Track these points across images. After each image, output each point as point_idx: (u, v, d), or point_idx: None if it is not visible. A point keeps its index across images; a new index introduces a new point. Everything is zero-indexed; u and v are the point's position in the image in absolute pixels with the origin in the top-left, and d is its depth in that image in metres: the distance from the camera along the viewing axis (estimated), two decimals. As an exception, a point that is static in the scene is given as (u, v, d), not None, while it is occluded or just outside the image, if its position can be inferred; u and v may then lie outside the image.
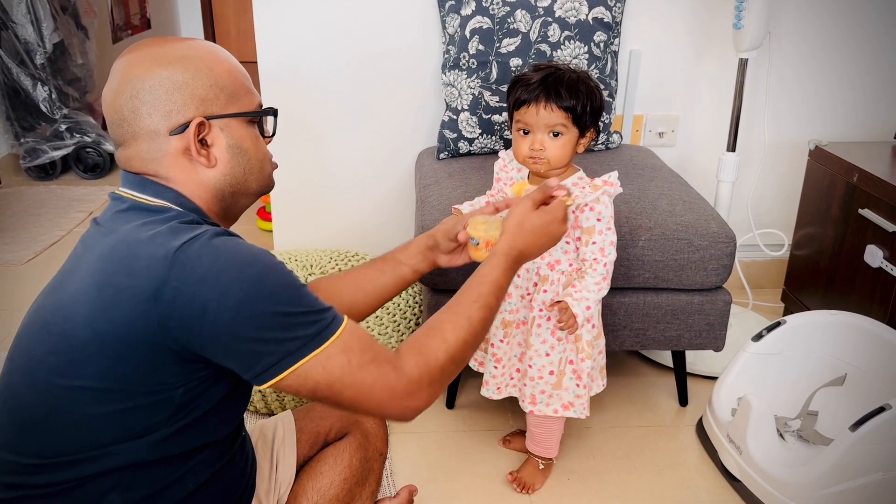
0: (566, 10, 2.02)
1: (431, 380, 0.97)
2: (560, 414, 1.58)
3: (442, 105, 2.19)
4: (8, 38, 3.36)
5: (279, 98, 2.26)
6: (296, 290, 0.92)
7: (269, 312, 0.88)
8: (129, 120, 0.95)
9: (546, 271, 1.51)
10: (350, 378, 0.91)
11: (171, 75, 0.94)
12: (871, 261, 1.92)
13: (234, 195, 1.02)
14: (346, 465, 1.22)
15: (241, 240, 0.93)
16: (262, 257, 0.91)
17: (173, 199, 0.97)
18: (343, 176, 2.37)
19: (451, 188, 1.88)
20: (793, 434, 1.70)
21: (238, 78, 1.01)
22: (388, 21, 2.19)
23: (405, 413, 0.97)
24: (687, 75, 2.34)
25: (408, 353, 0.97)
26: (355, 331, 0.94)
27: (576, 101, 1.40)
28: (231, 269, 0.87)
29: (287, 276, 0.92)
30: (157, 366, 0.89)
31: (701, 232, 1.72)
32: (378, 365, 0.93)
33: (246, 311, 0.86)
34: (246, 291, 0.86)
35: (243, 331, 0.87)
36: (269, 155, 1.08)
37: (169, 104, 0.94)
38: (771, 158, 2.43)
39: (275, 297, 0.89)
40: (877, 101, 2.41)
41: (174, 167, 0.96)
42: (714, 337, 1.81)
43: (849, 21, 2.31)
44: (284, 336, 0.88)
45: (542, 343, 1.53)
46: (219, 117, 0.97)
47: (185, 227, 0.91)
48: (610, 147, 2.18)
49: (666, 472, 1.75)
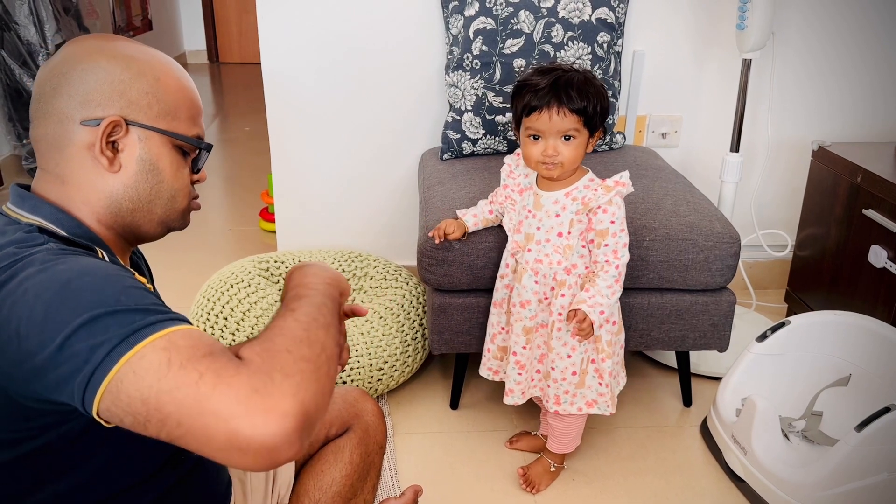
0: (570, 11, 2.02)
1: (280, 364, 0.69)
2: (584, 412, 1.58)
3: (445, 106, 2.18)
4: (10, 40, 3.37)
5: (283, 98, 2.26)
6: (115, 289, 0.72)
7: (79, 315, 0.69)
8: (47, 96, 0.87)
9: (563, 276, 1.50)
10: (169, 382, 0.65)
11: (110, 68, 0.86)
12: (874, 261, 1.91)
13: (133, 213, 0.90)
14: (348, 462, 1.21)
15: (72, 252, 0.78)
16: (86, 262, 0.75)
17: (49, 215, 0.86)
18: (346, 176, 2.37)
19: (454, 189, 1.88)
20: (797, 434, 1.69)
21: (184, 101, 0.91)
22: (392, 22, 2.20)
23: (269, 420, 0.64)
24: (690, 76, 2.34)
25: (249, 351, 0.71)
26: (190, 331, 0.71)
27: (587, 103, 1.40)
28: (43, 281, 0.72)
29: (108, 277, 0.74)
30: (10, 416, 0.76)
31: (705, 232, 1.72)
32: (212, 359, 0.68)
33: (52, 318, 0.69)
34: (51, 297, 0.70)
35: (51, 344, 0.68)
36: (191, 192, 0.96)
37: (92, 93, 0.85)
38: (774, 159, 2.43)
39: (86, 297, 0.70)
40: (880, 102, 2.41)
41: (73, 162, 0.87)
42: (718, 337, 1.81)
43: (852, 21, 2.31)
44: (94, 342, 0.68)
45: (563, 346, 1.53)
46: (141, 125, 0.88)
47: (21, 250, 0.77)
48: (613, 148, 2.18)
49: (670, 472, 1.75)
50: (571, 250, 1.48)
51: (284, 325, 0.76)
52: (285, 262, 2.16)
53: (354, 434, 1.24)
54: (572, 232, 1.47)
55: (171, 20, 5.94)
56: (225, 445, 0.64)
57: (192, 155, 0.95)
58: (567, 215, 1.47)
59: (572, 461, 1.77)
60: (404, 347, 1.93)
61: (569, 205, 1.47)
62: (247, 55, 6.25)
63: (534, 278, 1.51)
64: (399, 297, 2.03)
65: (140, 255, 1.07)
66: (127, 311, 0.70)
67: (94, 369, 0.67)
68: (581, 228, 1.47)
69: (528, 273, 1.51)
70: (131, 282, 0.75)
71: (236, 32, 6.26)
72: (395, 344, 1.92)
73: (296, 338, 0.73)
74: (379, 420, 1.30)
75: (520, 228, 1.54)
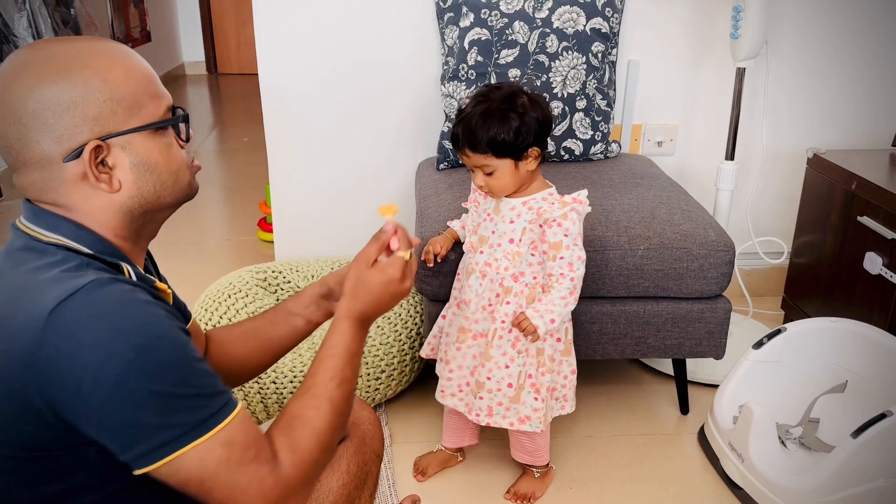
0: (564, 22, 2.03)
1: (307, 479, 0.89)
2: (515, 427, 1.57)
3: (441, 116, 2.20)
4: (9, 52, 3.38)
5: (280, 109, 2.27)
6: (185, 367, 0.80)
7: (149, 392, 0.77)
8: (16, 148, 0.83)
9: (510, 282, 1.50)
10: (226, 476, 0.81)
11: (57, 95, 0.81)
12: (870, 268, 1.92)
13: (146, 214, 0.91)
14: (345, 472, 1.20)
15: (130, 293, 0.81)
16: (150, 323, 0.79)
17: (70, 232, 0.86)
18: (344, 186, 2.38)
19: (450, 199, 1.89)
20: (794, 441, 1.70)
21: (139, 83, 0.87)
22: (388, 33, 2.21)
23: None
24: (685, 85, 2.35)
25: (282, 451, 0.87)
26: (244, 422, 0.84)
27: (490, 139, 1.39)
28: (111, 338, 0.76)
29: (178, 348, 0.80)
30: (52, 430, 0.79)
31: (699, 241, 1.72)
32: (258, 465, 0.83)
33: (122, 390, 0.76)
34: (123, 367, 0.75)
35: (118, 412, 0.76)
36: (188, 159, 0.95)
37: (58, 128, 0.82)
38: (769, 167, 2.44)
39: (158, 374, 0.77)
40: (874, 109, 2.42)
41: (73, 194, 0.86)
42: (714, 345, 1.81)
43: (845, 30, 2.32)
44: (162, 421, 0.78)
45: (503, 355, 1.52)
46: (117, 135, 0.85)
47: (68, 276, 0.79)
48: (609, 156, 2.19)
49: (668, 480, 1.75)
50: (520, 257, 1.49)
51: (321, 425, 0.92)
52: (283, 273, 2.16)
53: (351, 443, 1.24)
54: (523, 240, 1.48)
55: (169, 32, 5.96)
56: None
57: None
58: (520, 223, 1.48)
59: (570, 469, 1.77)
60: (402, 356, 1.94)
61: (524, 213, 1.49)
62: (245, 66, 6.27)
63: (479, 280, 1.52)
64: (396, 307, 2.04)
65: (148, 253, 1.06)
66: (197, 396, 0.81)
67: (159, 446, 0.78)
68: (532, 238, 1.48)
69: (476, 275, 1.52)
70: (191, 350, 0.83)
71: (234, 44, 6.29)
72: (393, 353, 1.92)
73: (325, 446, 0.92)
74: (376, 429, 1.30)
75: (476, 230, 1.56)
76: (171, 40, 6.01)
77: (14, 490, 0.85)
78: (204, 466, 0.80)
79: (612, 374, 2.15)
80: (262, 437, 0.85)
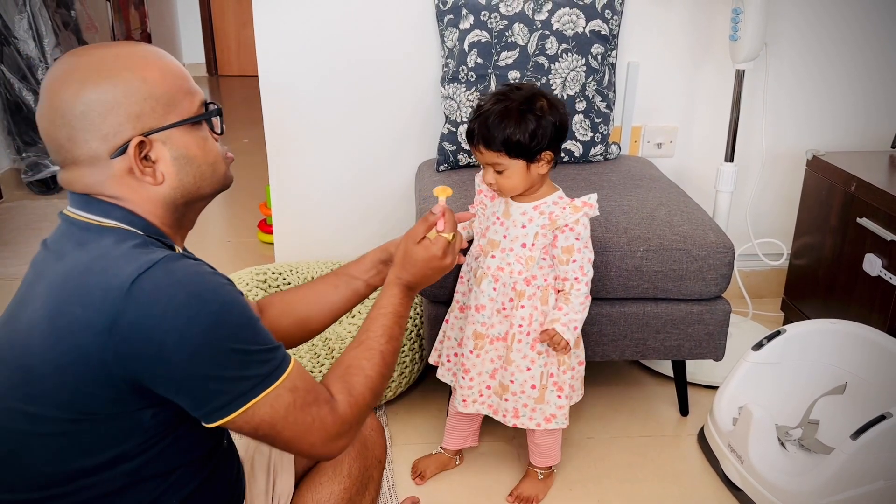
0: (563, 24, 2.04)
1: (359, 418, 1.00)
2: (542, 427, 1.58)
3: (441, 117, 2.20)
4: (10, 54, 3.39)
5: (280, 110, 2.27)
6: (253, 326, 0.91)
7: (229, 349, 0.86)
8: (66, 147, 0.91)
9: (523, 286, 1.51)
10: (293, 417, 0.92)
11: (101, 96, 0.89)
12: (869, 269, 1.92)
13: (187, 204, 0.99)
14: (346, 475, 1.21)
15: (197, 265, 0.90)
16: (221, 290, 0.89)
17: (122, 217, 0.93)
18: (344, 188, 2.38)
19: (450, 200, 1.89)
20: (794, 443, 1.70)
21: (174, 82, 0.94)
22: (388, 35, 2.21)
23: (332, 453, 0.98)
24: (685, 86, 2.36)
25: (339, 394, 0.99)
26: (301, 370, 0.95)
27: (506, 138, 1.39)
28: (191, 303, 0.84)
29: (245, 310, 0.90)
30: (119, 395, 0.86)
31: (699, 242, 1.73)
32: (318, 406, 0.95)
33: (206, 349, 0.85)
34: (206, 328, 0.84)
35: (201, 369, 0.85)
36: (223, 152, 1.02)
37: (104, 128, 0.90)
38: (769, 168, 2.45)
39: (235, 333, 0.87)
40: (873, 111, 2.43)
41: (120, 187, 0.93)
42: (714, 346, 1.81)
43: (844, 31, 2.32)
44: (240, 374, 0.88)
45: (523, 358, 1.53)
46: (158, 131, 0.92)
47: (139, 252, 0.87)
48: (608, 158, 2.20)
49: (668, 481, 1.75)
50: (533, 262, 1.49)
51: (374, 374, 1.04)
52: (283, 274, 2.16)
53: (353, 447, 1.25)
54: (536, 244, 1.49)
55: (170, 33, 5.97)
56: (304, 454, 0.98)
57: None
58: (533, 228, 1.49)
59: (570, 471, 1.77)
60: (401, 358, 1.94)
61: (536, 217, 1.49)
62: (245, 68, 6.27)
63: (493, 285, 1.52)
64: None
65: None
66: (265, 351, 0.90)
67: (237, 397, 0.87)
68: (545, 243, 1.49)
69: (489, 279, 1.52)
70: (253, 312, 0.92)
71: (235, 45, 6.29)
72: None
73: (375, 392, 1.04)
74: (378, 434, 1.30)
75: (485, 234, 1.56)
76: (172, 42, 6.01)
77: (68, 460, 0.89)
78: (275, 411, 0.90)
79: (611, 375, 2.15)
80: (318, 383, 0.97)
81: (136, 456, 0.91)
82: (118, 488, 0.91)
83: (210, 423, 0.88)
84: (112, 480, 0.90)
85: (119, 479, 0.90)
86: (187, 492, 0.97)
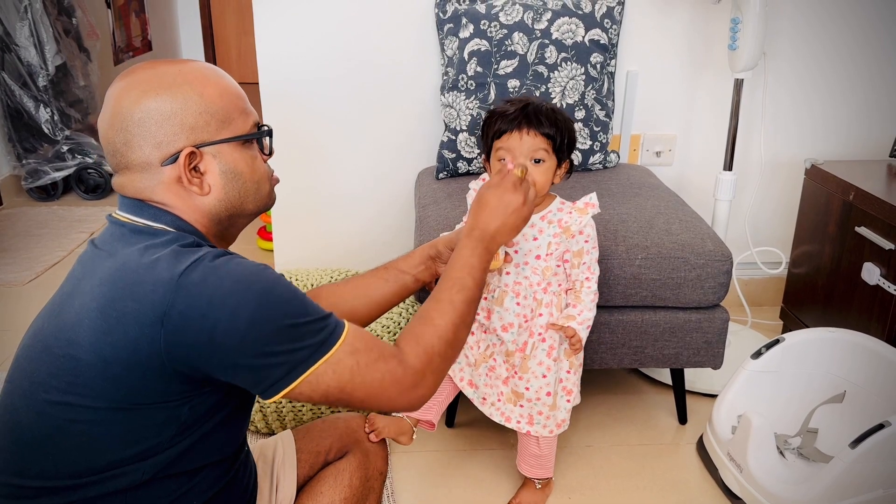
0: (563, 33, 2.05)
1: (433, 367, 1.02)
2: (555, 433, 1.59)
3: (441, 126, 2.21)
4: (11, 61, 3.40)
5: (281, 118, 2.28)
6: (300, 300, 0.94)
7: (279, 326, 0.90)
8: (122, 151, 0.96)
9: (541, 294, 1.51)
10: (360, 378, 0.95)
11: (160, 106, 0.94)
12: (868, 278, 1.93)
13: (230, 218, 1.03)
14: (347, 485, 1.22)
15: (240, 258, 0.95)
16: (264, 272, 0.93)
17: (171, 222, 0.98)
18: (343, 196, 2.38)
19: (449, 208, 1.89)
20: (793, 451, 1.70)
21: (230, 100, 1.00)
22: (388, 44, 2.22)
23: (413, 403, 1.01)
24: (684, 95, 2.37)
25: (406, 345, 1.02)
26: (358, 331, 0.98)
27: (555, 130, 1.42)
28: (236, 288, 0.89)
29: (290, 286, 0.94)
30: (162, 387, 0.90)
31: (697, 250, 1.73)
32: (384, 361, 0.98)
33: (256, 328, 0.88)
34: (254, 309, 0.88)
35: (254, 347, 0.89)
36: (269, 172, 1.07)
37: (159, 135, 0.95)
38: (768, 177, 2.45)
39: (282, 309, 0.91)
40: (872, 120, 2.43)
41: (168, 194, 0.98)
42: (712, 355, 1.82)
43: (843, 40, 2.34)
44: (294, 346, 0.91)
45: (539, 365, 1.53)
46: (210, 144, 0.97)
47: (187, 251, 0.92)
48: (607, 166, 2.20)
49: (667, 490, 1.75)
50: (550, 271, 1.50)
51: (443, 322, 1.05)
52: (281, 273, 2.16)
53: (354, 457, 1.25)
54: (552, 254, 1.49)
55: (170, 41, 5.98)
56: (386, 408, 1.01)
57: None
58: (545, 238, 1.49)
59: (569, 480, 1.77)
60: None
61: (545, 227, 1.49)
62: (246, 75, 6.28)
63: (515, 300, 1.51)
64: (395, 316, 2.04)
65: None
66: (316, 321, 0.94)
67: (295, 366, 0.91)
68: (560, 251, 1.50)
69: (510, 295, 1.51)
70: (297, 289, 0.96)
71: (235, 53, 6.32)
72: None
73: (448, 341, 1.05)
74: (380, 447, 1.31)
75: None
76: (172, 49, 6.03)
77: (102, 449, 0.92)
78: (340, 375, 0.94)
79: (610, 383, 2.15)
80: (380, 340, 1.00)
81: (168, 448, 0.94)
82: (145, 481, 0.94)
83: (270, 398, 0.92)
84: (141, 472, 0.93)
85: (148, 471, 0.93)
86: (209, 495, 1.01)
